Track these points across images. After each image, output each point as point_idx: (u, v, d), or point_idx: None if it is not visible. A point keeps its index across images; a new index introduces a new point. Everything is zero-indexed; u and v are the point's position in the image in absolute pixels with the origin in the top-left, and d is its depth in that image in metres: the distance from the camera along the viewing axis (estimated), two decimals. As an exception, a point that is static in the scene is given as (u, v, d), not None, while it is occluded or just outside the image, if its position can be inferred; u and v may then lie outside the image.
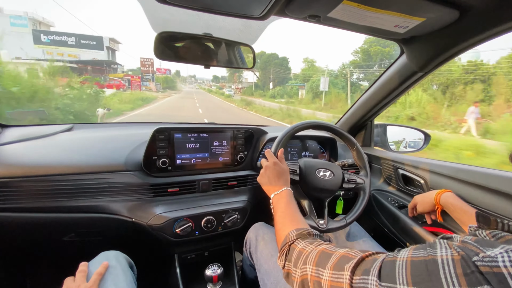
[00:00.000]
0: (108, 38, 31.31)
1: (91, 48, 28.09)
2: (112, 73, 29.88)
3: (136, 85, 27.71)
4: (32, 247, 1.07)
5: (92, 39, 28.48)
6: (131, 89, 25.62)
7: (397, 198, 1.19)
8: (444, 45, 0.84)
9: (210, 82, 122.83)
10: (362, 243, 0.94)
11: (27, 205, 0.88)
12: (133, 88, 26.93)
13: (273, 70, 43.64)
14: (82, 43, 27.39)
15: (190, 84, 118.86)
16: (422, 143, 1.47)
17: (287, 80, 42.64)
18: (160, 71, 53.10)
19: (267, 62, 44.42)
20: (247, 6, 0.70)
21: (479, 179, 0.87)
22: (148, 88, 34.61)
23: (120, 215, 0.96)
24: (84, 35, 28.11)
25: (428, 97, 13.59)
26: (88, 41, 27.96)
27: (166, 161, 1.02)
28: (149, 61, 37.34)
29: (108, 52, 32.30)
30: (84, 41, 27.60)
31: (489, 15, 0.67)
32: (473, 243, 0.34)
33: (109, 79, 28.93)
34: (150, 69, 37.30)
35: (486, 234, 0.37)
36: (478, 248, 0.33)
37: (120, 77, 31.33)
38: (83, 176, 0.93)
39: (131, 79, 28.67)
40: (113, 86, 24.82)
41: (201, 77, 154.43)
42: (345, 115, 1.48)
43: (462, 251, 0.33)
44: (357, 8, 0.68)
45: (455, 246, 0.35)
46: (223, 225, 1.05)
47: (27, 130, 1.15)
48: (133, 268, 0.85)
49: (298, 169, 0.96)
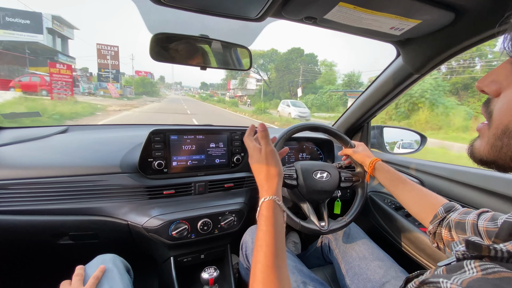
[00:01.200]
0: (51, 17, 22.08)
1: (21, 29, 19.75)
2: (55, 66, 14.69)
3: (65, 86, 14.68)
4: (26, 250, 1.06)
5: (24, 16, 19.95)
6: (51, 95, 14.26)
7: (394, 200, 1.19)
8: (439, 47, 0.84)
9: (197, 90, 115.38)
10: (361, 245, 0.94)
11: (20, 208, 0.87)
12: (59, 92, 14.45)
13: (303, 69, 30.33)
14: (7, 21, 19.52)
15: (176, 91, 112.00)
16: (419, 145, 1.47)
17: (311, 84, 30.84)
18: (140, 73, 44.54)
19: (288, 60, 32.50)
20: (243, 7, 0.69)
21: (475, 180, 0.88)
22: (106, 92, 23.65)
23: (115, 217, 0.95)
24: (13, 10, 19.99)
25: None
26: (18, 19, 19.72)
27: (162, 163, 1.01)
28: (111, 50, 24.90)
29: (53, 38, 23.52)
30: (11, 18, 19.61)
31: (484, 18, 0.68)
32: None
33: (28, 73, 18.07)
34: (111, 62, 24.82)
35: (475, 267, 0.30)
36: None
37: (45, 72, 16.99)
38: (78, 178, 0.92)
39: (54, 75, 14.38)
40: (21, 87, 15.24)
41: (187, 85, 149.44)
42: (341, 117, 1.48)
43: None
44: (353, 10, 0.68)
45: None
46: (219, 228, 1.05)
47: (22, 132, 1.14)
48: (129, 271, 0.85)
49: (295, 173, 0.96)
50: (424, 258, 0.95)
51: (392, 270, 0.83)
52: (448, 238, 0.62)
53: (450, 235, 0.61)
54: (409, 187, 0.80)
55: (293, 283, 0.79)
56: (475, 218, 0.55)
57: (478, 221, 0.54)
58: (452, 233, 0.61)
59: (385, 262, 0.86)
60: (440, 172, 1.01)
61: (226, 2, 0.67)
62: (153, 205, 0.99)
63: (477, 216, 0.55)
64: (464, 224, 0.57)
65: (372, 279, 0.83)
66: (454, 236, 0.60)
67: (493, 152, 0.35)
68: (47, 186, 0.89)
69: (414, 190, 0.78)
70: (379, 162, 0.90)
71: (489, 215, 0.53)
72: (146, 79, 42.04)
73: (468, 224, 0.56)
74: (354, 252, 0.92)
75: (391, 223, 1.13)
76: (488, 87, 0.36)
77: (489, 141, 0.35)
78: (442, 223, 0.65)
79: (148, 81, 42.51)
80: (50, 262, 1.17)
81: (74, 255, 1.11)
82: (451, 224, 0.62)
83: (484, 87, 0.36)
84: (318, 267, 1.06)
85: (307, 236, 1.67)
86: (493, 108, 0.35)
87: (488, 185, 0.83)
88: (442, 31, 0.77)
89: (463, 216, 0.59)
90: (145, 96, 35.87)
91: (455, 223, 0.60)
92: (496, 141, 0.34)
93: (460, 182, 0.93)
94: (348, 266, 0.91)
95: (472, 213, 0.58)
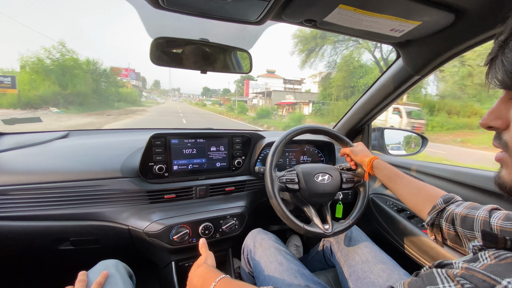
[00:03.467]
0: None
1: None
2: None
3: None
4: (26, 256, 1.05)
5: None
6: None
7: (396, 202, 1.19)
8: (439, 48, 0.84)
9: (198, 96, 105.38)
10: (364, 248, 0.93)
11: (20, 214, 0.86)
12: None
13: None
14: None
15: (174, 97, 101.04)
16: (420, 146, 1.47)
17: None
18: (121, 73, 32.08)
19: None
20: (243, 11, 0.70)
21: (477, 181, 0.87)
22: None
23: (116, 222, 0.95)
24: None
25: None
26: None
27: (162, 167, 1.01)
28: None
29: None
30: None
31: (484, 19, 0.68)
32: (481, 271, 0.28)
33: None
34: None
35: (489, 256, 0.32)
36: (490, 277, 0.27)
37: None
38: (78, 183, 0.92)
39: None
40: None
41: (186, 92, 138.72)
42: (342, 120, 1.48)
43: (470, 283, 0.28)
44: (353, 12, 0.68)
45: (458, 278, 0.30)
46: (221, 232, 1.04)
47: (23, 138, 1.14)
48: (132, 277, 0.84)
49: (296, 177, 0.95)
50: (428, 260, 0.94)
51: (396, 273, 0.82)
52: (451, 231, 0.60)
53: (454, 229, 0.60)
54: (407, 180, 0.80)
55: (296, 287, 0.78)
56: (487, 215, 0.53)
57: (490, 218, 0.52)
58: (456, 227, 0.59)
59: (389, 265, 0.85)
60: (441, 173, 1.01)
61: (226, 6, 0.67)
62: (154, 209, 0.99)
63: (488, 213, 0.54)
64: (473, 220, 0.55)
65: (375, 283, 0.82)
66: (458, 230, 0.59)
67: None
68: (47, 192, 0.88)
69: (412, 183, 0.78)
70: (377, 160, 0.89)
71: (502, 213, 0.52)
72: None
73: (478, 220, 0.54)
74: (356, 256, 0.91)
75: (394, 225, 1.12)
76: (494, 123, 0.38)
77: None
78: (441, 214, 0.64)
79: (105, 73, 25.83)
80: (52, 268, 1.16)
81: (75, 261, 1.10)
82: (454, 217, 0.60)
83: (490, 123, 0.38)
84: (321, 270, 1.05)
85: (308, 239, 1.66)
86: (506, 139, 0.36)
87: (489, 185, 0.83)
88: (442, 33, 0.77)
89: (471, 211, 0.57)
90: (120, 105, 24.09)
91: (461, 217, 0.58)
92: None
93: (461, 183, 0.92)
94: (351, 269, 0.90)
95: (481, 209, 0.56)
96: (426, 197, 0.71)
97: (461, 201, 0.64)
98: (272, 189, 0.88)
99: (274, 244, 0.94)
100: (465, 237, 0.58)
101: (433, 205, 0.66)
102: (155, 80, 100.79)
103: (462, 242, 0.59)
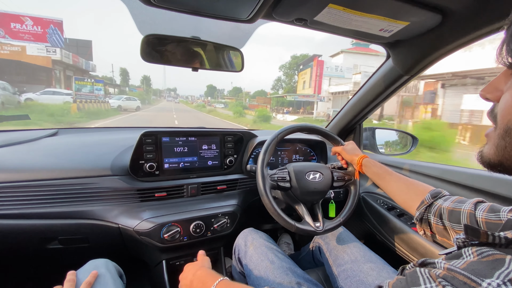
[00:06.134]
0: None
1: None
2: None
3: None
4: (14, 255, 1.03)
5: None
6: None
7: (386, 200, 1.20)
8: (428, 48, 0.86)
9: (202, 97, 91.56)
10: (353, 248, 0.94)
11: (7, 212, 0.85)
12: None
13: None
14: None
15: (169, 98, 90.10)
16: (410, 146, 1.49)
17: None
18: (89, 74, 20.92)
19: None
20: (234, 9, 0.70)
21: (465, 179, 0.89)
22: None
23: (106, 220, 0.94)
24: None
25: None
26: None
27: (153, 165, 1.00)
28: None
29: None
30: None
31: (471, 19, 0.69)
32: (462, 272, 0.29)
33: None
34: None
35: (472, 252, 0.32)
36: (471, 279, 0.28)
37: None
38: (67, 181, 0.91)
39: None
40: None
41: (184, 93, 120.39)
42: (334, 119, 1.49)
43: (451, 285, 0.29)
44: (342, 12, 0.69)
45: (440, 279, 0.30)
46: (212, 230, 1.04)
47: (11, 135, 1.12)
48: (122, 277, 0.83)
49: (287, 175, 0.96)
50: (416, 257, 0.96)
51: (385, 271, 0.83)
52: (439, 226, 0.62)
53: (442, 223, 0.61)
54: (396, 177, 0.81)
55: (288, 284, 0.79)
56: (472, 208, 0.55)
57: (475, 211, 0.54)
58: (444, 221, 0.61)
59: (378, 264, 0.86)
60: (431, 172, 1.02)
61: (217, 3, 0.67)
62: (144, 208, 0.98)
63: (473, 205, 0.55)
64: (459, 213, 0.57)
65: (365, 281, 0.82)
66: (446, 224, 0.60)
67: (498, 152, 0.36)
68: (35, 190, 0.87)
69: (401, 180, 0.80)
70: (367, 158, 0.91)
71: (486, 205, 0.53)
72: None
73: (464, 213, 0.55)
74: (346, 255, 0.92)
75: (384, 223, 1.14)
76: (491, 94, 0.38)
77: (494, 142, 0.37)
78: (429, 209, 0.65)
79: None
80: (40, 268, 1.14)
81: (64, 260, 1.08)
82: (442, 212, 0.61)
83: (487, 94, 0.39)
84: (311, 268, 1.05)
85: (300, 237, 1.67)
86: (497, 111, 0.37)
87: (478, 184, 0.85)
88: (430, 33, 0.79)
89: (458, 205, 0.58)
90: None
91: (449, 211, 0.60)
92: (500, 141, 0.35)
93: (451, 181, 0.94)
94: (340, 269, 0.91)
95: (467, 202, 0.57)
96: (415, 193, 0.73)
97: (448, 195, 0.66)
98: (263, 187, 0.88)
99: (266, 243, 0.94)
100: (453, 230, 0.59)
101: (422, 200, 0.68)
102: (144, 75, 74.32)
103: (450, 235, 0.61)
